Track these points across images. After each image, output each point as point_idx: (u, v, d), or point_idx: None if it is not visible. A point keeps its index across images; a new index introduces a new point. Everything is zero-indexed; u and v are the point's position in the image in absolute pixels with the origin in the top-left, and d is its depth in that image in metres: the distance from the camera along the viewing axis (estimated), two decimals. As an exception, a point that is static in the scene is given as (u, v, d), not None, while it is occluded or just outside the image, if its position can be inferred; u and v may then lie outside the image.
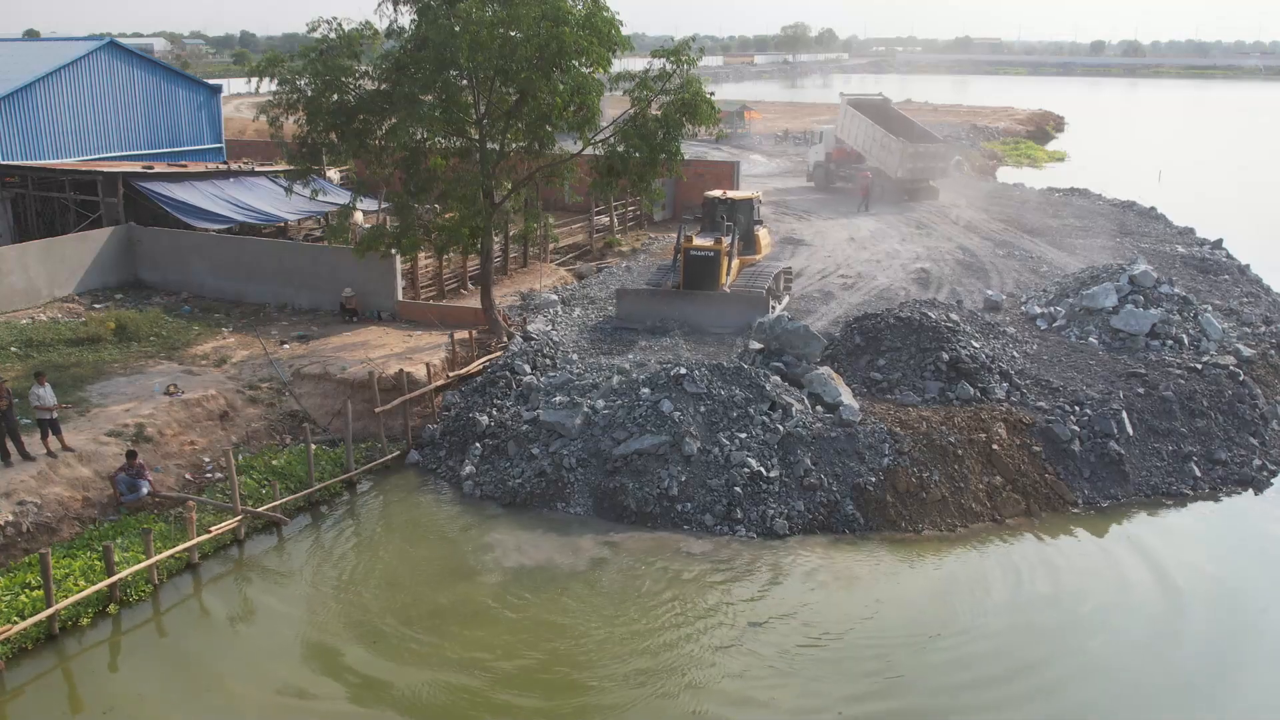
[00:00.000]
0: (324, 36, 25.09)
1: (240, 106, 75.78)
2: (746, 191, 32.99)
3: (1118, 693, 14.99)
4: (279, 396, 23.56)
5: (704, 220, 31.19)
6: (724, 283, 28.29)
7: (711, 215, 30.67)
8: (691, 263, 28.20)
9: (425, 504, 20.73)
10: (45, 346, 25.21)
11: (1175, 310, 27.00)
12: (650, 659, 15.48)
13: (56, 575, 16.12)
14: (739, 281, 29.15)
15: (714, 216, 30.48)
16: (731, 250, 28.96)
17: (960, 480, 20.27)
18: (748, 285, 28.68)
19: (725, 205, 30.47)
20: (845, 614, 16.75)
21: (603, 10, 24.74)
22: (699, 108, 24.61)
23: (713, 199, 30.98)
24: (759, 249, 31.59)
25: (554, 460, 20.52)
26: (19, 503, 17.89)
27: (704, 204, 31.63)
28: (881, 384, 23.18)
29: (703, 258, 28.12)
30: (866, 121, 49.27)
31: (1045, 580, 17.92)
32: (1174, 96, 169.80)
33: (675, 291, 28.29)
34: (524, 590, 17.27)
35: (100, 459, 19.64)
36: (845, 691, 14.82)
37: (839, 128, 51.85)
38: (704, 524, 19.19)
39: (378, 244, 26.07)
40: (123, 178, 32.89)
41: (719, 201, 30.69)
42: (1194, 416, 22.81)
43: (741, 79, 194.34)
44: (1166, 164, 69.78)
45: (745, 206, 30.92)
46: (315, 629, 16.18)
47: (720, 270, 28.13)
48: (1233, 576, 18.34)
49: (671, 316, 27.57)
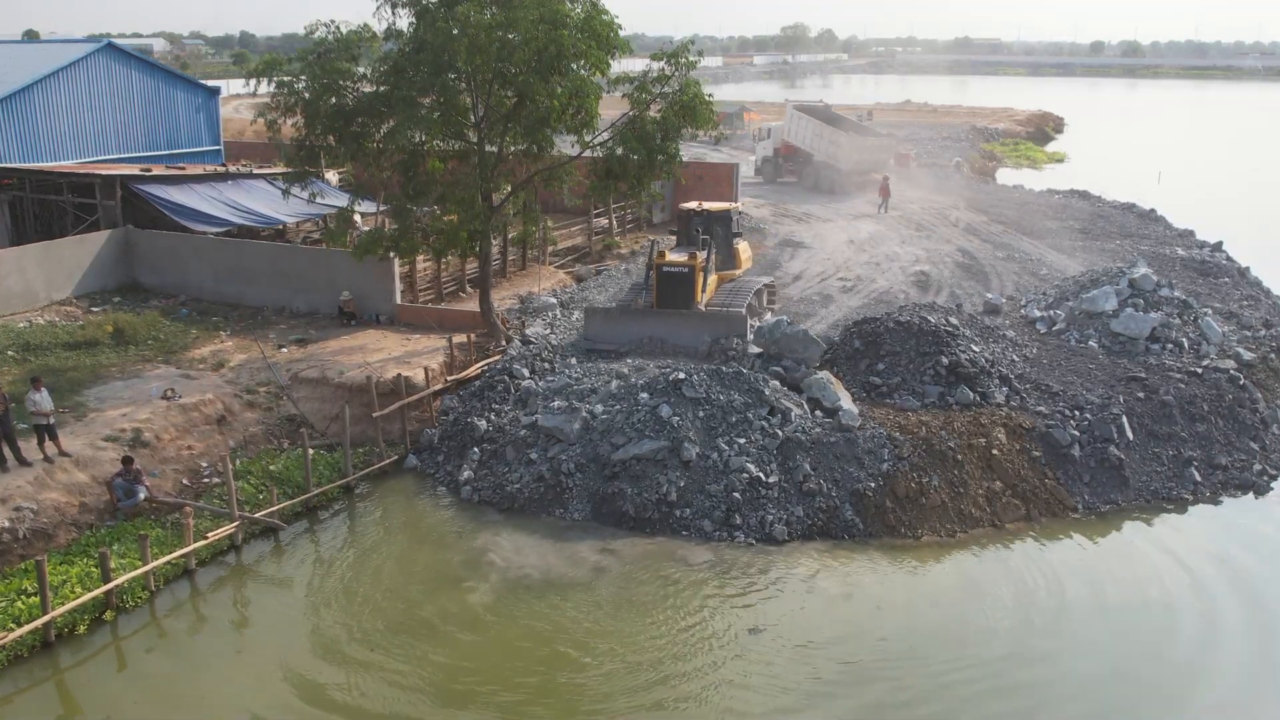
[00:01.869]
0: (322, 39, 25.04)
1: (239, 108, 75.67)
2: (724, 203, 30.81)
3: (1119, 701, 14.93)
4: (277, 401, 23.49)
5: (679, 234, 29.49)
6: (700, 301, 26.27)
7: (687, 229, 28.75)
8: (664, 280, 26.15)
9: (423, 509, 20.68)
10: (42, 350, 25.15)
11: (1175, 314, 26.94)
12: (649, 666, 15.43)
13: (53, 581, 16.07)
14: (716, 299, 27.13)
15: (690, 230, 28.50)
16: (708, 266, 26.92)
17: (960, 485, 20.22)
18: (726, 303, 26.72)
19: (701, 218, 28.51)
20: (845, 620, 16.69)
21: (601, 13, 24.70)
22: (698, 110, 24.57)
23: (688, 211, 28.98)
24: (738, 263, 29.55)
25: (552, 465, 20.47)
26: (15, 508, 17.83)
27: (678, 216, 29.98)
28: (881, 388, 23.12)
29: (676, 274, 26.07)
30: (814, 122, 53.76)
31: (1045, 586, 17.84)
32: (1173, 97, 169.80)
33: (647, 310, 26.29)
34: (522, 596, 17.21)
35: (97, 464, 19.58)
36: (845, 698, 14.77)
37: (786, 130, 55.83)
38: (703, 530, 19.13)
39: (376, 247, 26.01)
40: (121, 180, 32.81)
41: (694, 214, 28.67)
42: (1194, 421, 22.76)
43: (741, 80, 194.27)
44: (1166, 165, 69.71)
45: (723, 219, 28.90)
46: (312, 636, 16.12)
47: (695, 287, 26.09)
48: (1234, 581, 18.26)
49: (644, 337, 25.58)
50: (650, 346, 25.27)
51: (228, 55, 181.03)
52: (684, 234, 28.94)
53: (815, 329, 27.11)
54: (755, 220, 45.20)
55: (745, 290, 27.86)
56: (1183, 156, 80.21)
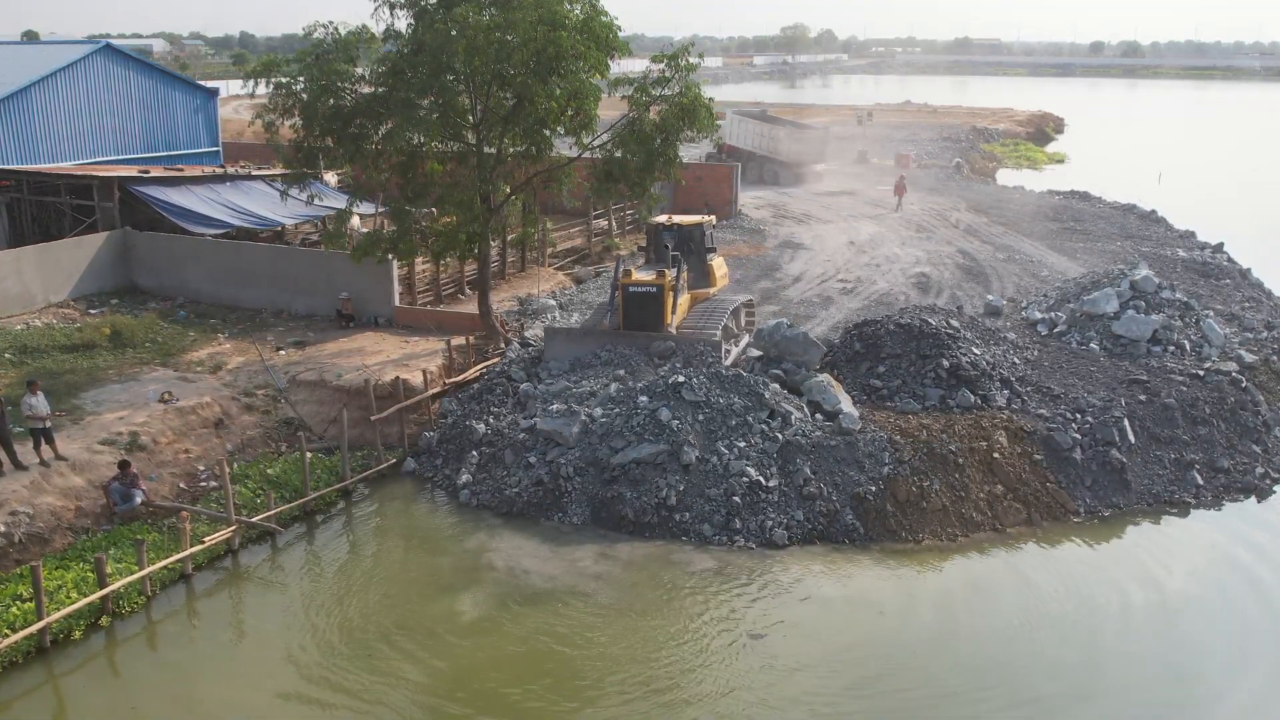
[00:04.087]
0: (320, 40, 24.94)
1: (238, 108, 75.57)
2: (696, 216, 27.96)
3: (1125, 709, 14.84)
4: (274, 404, 23.39)
5: (647, 250, 27.27)
6: (669, 323, 24.04)
7: (656, 244, 26.31)
8: (631, 300, 23.94)
9: (421, 513, 20.58)
10: (40, 353, 25.06)
11: (1177, 316, 26.84)
12: (649, 670, 15.34)
13: (48, 587, 15.96)
14: (689, 320, 24.97)
15: (659, 245, 26.03)
16: (678, 285, 24.55)
17: (961, 489, 20.12)
18: (699, 325, 24.57)
19: (672, 233, 26.03)
20: (846, 625, 16.60)
21: (600, 15, 24.61)
22: (697, 113, 24.44)
23: (656, 225, 26.53)
24: (712, 281, 26.81)
25: (551, 469, 20.37)
26: (11, 513, 17.72)
27: (646, 231, 27.77)
28: (881, 391, 23.03)
29: (644, 294, 23.85)
30: (755, 123, 60.17)
31: (1047, 590, 17.74)
32: (1173, 97, 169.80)
33: (613, 333, 24.12)
34: (521, 601, 17.11)
35: (94, 468, 19.48)
36: (847, 703, 14.67)
37: (727, 133, 59.63)
38: (702, 534, 19.03)
39: (374, 249, 25.92)
40: (119, 182, 32.74)
41: (664, 228, 26.24)
42: (1196, 424, 22.65)
43: (741, 80, 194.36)
44: (1167, 166, 69.64)
45: (695, 233, 26.44)
46: (309, 641, 16.01)
47: (665, 308, 23.88)
48: (1234, 586, 18.16)
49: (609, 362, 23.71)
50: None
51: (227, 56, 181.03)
52: (653, 250, 26.65)
53: (815, 331, 27.03)
54: (755, 221, 45.21)
55: (720, 311, 25.53)
56: (1183, 157, 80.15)
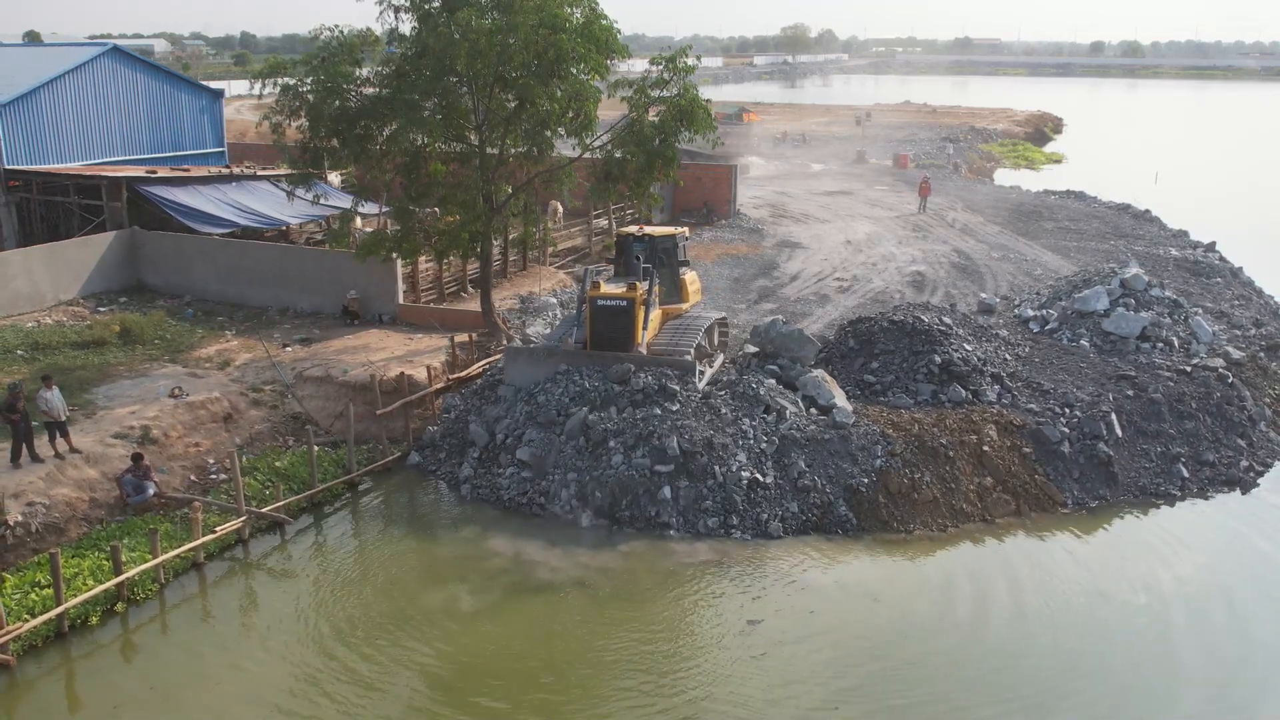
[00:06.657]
0: (326, 43, 25.44)
1: (241, 109, 76.07)
2: (669, 228, 26.52)
3: (1108, 694, 15.29)
4: (282, 399, 23.90)
5: (616, 262, 25.48)
6: (640, 341, 22.53)
7: (626, 256, 24.78)
8: (599, 315, 22.46)
9: (425, 505, 21.08)
10: (51, 349, 25.56)
11: (1166, 313, 27.34)
12: (647, 660, 15.80)
13: (65, 574, 16.46)
14: (660, 338, 23.43)
15: (629, 258, 24.55)
16: (650, 299, 22.91)
17: (951, 481, 20.62)
18: (671, 344, 23.11)
19: (643, 244, 24.51)
20: (840, 613, 17.06)
21: (600, 18, 25.10)
22: (695, 115, 24.90)
23: (627, 237, 25.10)
24: (685, 296, 25.16)
25: (550, 464, 20.81)
26: (28, 504, 18.24)
27: (616, 242, 26.24)
28: (875, 386, 23.53)
29: (613, 309, 22.40)
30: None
31: (1035, 579, 18.22)
32: (1173, 97, 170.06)
33: (579, 352, 22.69)
34: (522, 592, 17.59)
35: (107, 461, 19.99)
36: (841, 689, 15.11)
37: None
38: (699, 526, 19.50)
39: (378, 248, 26.42)
40: (126, 182, 33.25)
41: (634, 239, 24.70)
42: (1183, 418, 23.14)
43: (741, 80, 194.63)
44: (1164, 166, 70.05)
45: (668, 245, 24.84)
46: (317, 628, 16.50)
47: (635, 325, 22.42)
48: (1218, 576, 18.64)
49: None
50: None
51: (228, 56, 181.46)
52: (623, 262, 24.97)
53: (811, 328, 27.52)
54: (753, 221, 45.62)
55: (693, 329, 23.89)
56: (1181, 157, 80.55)
